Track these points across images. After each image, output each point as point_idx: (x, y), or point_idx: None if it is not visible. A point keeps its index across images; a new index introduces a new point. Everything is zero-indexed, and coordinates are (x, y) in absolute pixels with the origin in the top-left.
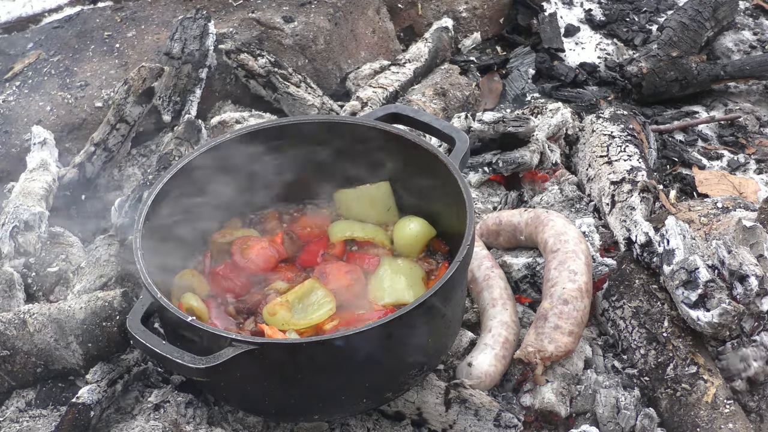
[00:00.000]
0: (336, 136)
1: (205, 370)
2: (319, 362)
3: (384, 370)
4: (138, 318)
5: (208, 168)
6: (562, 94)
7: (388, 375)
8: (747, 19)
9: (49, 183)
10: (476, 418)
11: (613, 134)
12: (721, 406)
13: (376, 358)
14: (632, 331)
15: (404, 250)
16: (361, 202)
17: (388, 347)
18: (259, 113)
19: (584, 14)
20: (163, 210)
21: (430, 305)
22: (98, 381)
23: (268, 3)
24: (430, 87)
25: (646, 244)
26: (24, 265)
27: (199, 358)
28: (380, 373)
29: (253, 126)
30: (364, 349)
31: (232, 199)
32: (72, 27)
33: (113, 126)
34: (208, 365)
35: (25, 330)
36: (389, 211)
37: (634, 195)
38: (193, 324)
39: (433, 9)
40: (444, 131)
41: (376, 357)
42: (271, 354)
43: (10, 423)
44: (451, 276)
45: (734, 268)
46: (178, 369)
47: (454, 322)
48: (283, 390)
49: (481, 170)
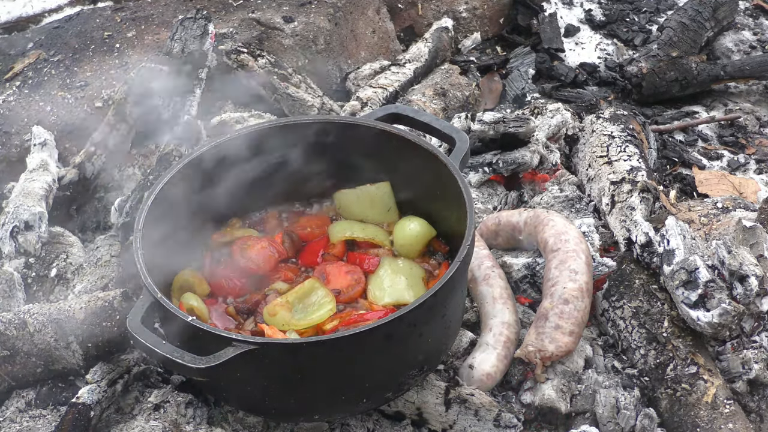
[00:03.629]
0: (336, 137)
1: (205, 370)
2: (319, 362)
3: (384, 371)
4: (138, 318)
5: (207, 168)
6: (562, 94)
7: (389, 375)
8: (747, 19)
9: (49, 183)
10: (476, 418)
11: (613, 134)
12: (721, 406)
13: (376, 359)
14: (632, 331)
15: (404, 250)
16: (361, 202)
17: (389, 347)
18: (259, 113)
19: (584, 14)
20: (163, 210)
21: (431, 305)
22: (98, 381)
23: (268, 3)
24: (430, 87)
25: (646, 245)
26: (24, 265)
27: (200, 358)
28: (380, 374)
29: (254, 126)
30: (364, 349)
31: (232, 199)
32: (72, 27)
33: (113, 126)
34: (208, 365)
35: (25, 330)
36: (389, 211)
37: (634, 195)
38: (194, 324)
39: (433, 9)
40: (444, 131)
41: (377, 357)
42: (271, 354)
43: (10, 423)
44: (452, 276)
45: (734, 268)
46: (179, 369)
47: (455, 322)
48: (284, 390)
49: (481, 170)
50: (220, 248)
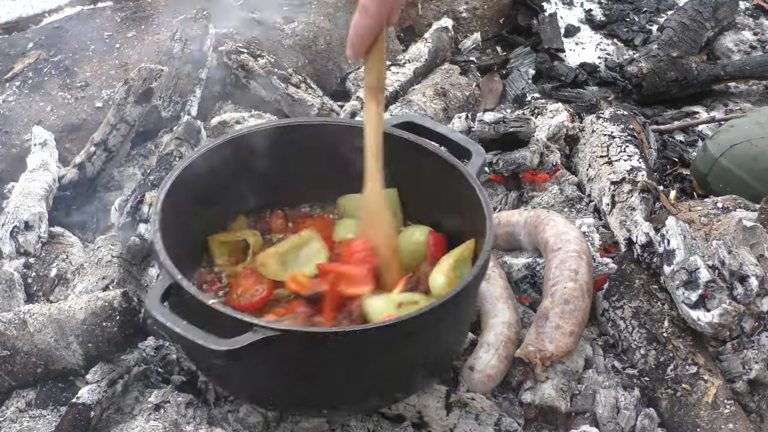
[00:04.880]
0: (342, 139)
1: (226, 353)
2: (339, 354)
3: (399, 368)
4: (157, 297)
5: (211, 167)
6: (562, 94)
7: (402, 374)
8: (747, 19)
9: (49, 183)
10: (477, 422)
11: (613, 134)
12: (722, 407)
13: (393, 355)
14: (632, 331)
15: (409, 257)
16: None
17: (408, 344)
18: (259, 113)
19: (584, 14)
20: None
21: (453, 304)
22: (98, 381)
23: (268, 3)
24: (430, 87)
25: (646, 245)
26: (24, 265)
27: (221, 340)
28: (395, 371)
29: (263, 125)
30: (385, 343)
31: (236, 199)
32: (72, 27)
33: (113, 126)
34: (230, 348)
35: (25, 330)
36: (395, 217)
37: (634, 195)
38: (214, 307)
39: (433, 9)
40: (461, 144)
41: (395, 353)
42: (291, 341)
43: (10, 423)
44: (474, 277)
45: (734, 269)
46: (200, 350)
47: (466, 326)
48: (298, 380)
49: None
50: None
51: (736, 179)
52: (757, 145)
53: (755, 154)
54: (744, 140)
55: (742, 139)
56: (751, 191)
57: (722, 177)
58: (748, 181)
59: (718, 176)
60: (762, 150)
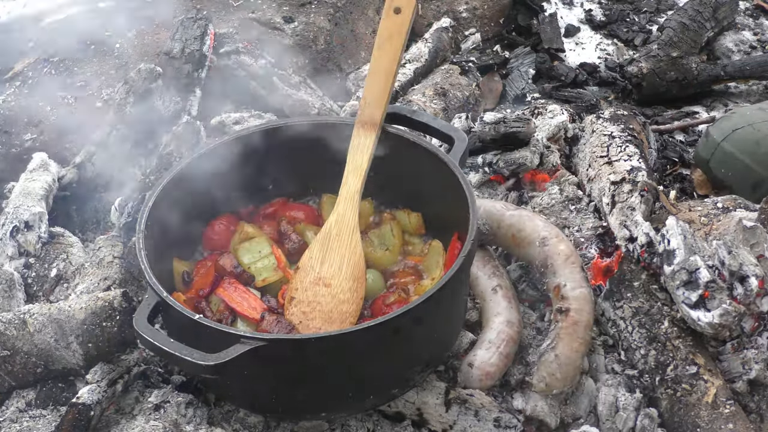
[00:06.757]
0: (334, 137)
1: (214, 367)
2: (327, 357)
3: (391, 366)
4: (144, 317)
5: (208, 168)
6: (562, 94)
7: (395, 370)
8: (747, 19)
9: (49, 183)
10: (476, 418)
11: (614, 134)
12: (722, 407)
13: (384, 353)
14: (632, 331)
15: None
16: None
17: (396, 342)
18: (259, 113)
19: (584, 14)
20: (163, 211)
21: (437, 299)
22: (98, 381)
23: (268, 3)
24: (430, 87)
25: (646, 245)
26: (24, 265)
27: (208, 355)
28: (387, 369)
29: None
30: (372, 343)
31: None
32: (72, 27)
33: (113, 126)
34: (217, 362)
35: (25, 330)
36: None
37: (634, 195)
38: (201, 322)
39: (433, 9)
40: (442, 131)
41: (384, 352)
42: (279, 350)
43: (10, 423)
44: (458, 269)
45: (734, 269)
46: (187, 366)
47: (458, 318)
48: (291, 387)
49: (482, 170)
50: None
51: (738, 164)
52: (759, 129)
53: (758, 138)
54: (746, 125)
55: (745, 124)
56: (754, 175)
57: (724, 162)
58: (751, 165)
59: (720, 161)
60: (765, 134)
